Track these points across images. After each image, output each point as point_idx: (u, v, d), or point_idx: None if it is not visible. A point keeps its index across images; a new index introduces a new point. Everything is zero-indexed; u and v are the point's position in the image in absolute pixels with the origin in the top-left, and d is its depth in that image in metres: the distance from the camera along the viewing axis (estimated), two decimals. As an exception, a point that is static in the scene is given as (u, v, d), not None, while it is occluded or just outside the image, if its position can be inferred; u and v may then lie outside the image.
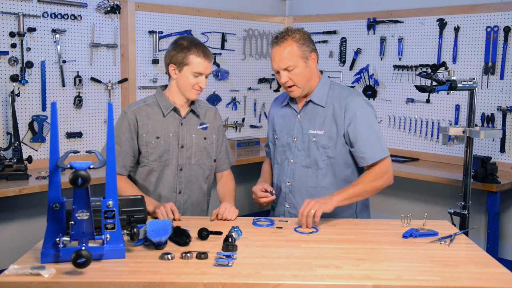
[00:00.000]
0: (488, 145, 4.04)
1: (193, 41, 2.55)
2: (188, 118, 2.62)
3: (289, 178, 2.58)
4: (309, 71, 2.48)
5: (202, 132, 2.64)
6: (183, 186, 2.60)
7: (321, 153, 2.50)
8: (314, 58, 2.49)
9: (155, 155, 2.55)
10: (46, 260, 1.85)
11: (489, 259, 1.99)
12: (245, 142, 4.79)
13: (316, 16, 5.09)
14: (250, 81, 5.09)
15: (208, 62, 2.53)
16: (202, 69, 2.51)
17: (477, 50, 4.08)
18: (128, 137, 2.54)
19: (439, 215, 3.85)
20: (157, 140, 2.54)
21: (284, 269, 1.83)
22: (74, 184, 1.67)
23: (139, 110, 2.56)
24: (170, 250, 1.97)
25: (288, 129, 2.60)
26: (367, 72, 4.70)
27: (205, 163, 2.65)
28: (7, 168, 3.41)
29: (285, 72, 2.45)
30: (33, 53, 3.74)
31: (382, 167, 2.44)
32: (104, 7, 4.02)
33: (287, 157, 2.59)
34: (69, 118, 3.96)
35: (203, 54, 2.50)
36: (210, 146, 2.66)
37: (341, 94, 2.52)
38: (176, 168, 2.57)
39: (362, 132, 2.44)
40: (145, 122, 2.54)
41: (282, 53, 2.43)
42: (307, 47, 2.45)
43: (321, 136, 2.50)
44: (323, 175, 2.51)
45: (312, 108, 2.55)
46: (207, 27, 4.69)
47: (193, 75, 2.52)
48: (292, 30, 2.46)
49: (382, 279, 1.77)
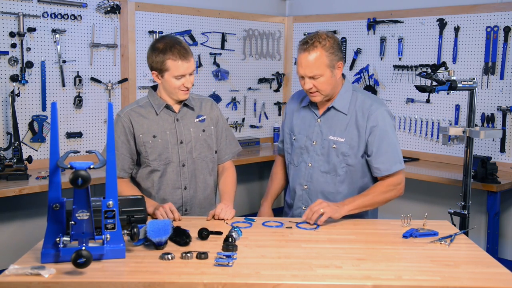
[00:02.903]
0: (488, 145, 4.04)
1: (168, 42, 2.45)
2: (182, 113, 2.59)
3: (306, 182, 2.57)
4: (334, 80, 2.44)
5: (200, 124, 2.61)
6: (187, 182, 2.58)
7: (341, 160, 2.49)
8: (341, 67, 2.44)
9: (155, 154, 2.54)
10: (46, 260, 1.85)
11: (489, 259, 1.99)
12: (245, 142, 4.80)
13: (316, 16, 5.09)
14: (250, 81, 5.09)
15: (187, 62, 2.44)
16: (183, 71, 2.44)
17: (477, 50, 4.08)
18: (124, 140, 2.53)
19: (439, 215, 3.85)
20: (154, 139, 2.53)
21: (284, 269, 1.83)
22: (74, 184, 1.67)
23: (132, 112, 2.55)
24: (170, 250, 1.97)
25: (307, 132, 2.58)
26: (367, 72, 4.70)
27: (207, 155, 2.63)
28: (7, 168, 3.41)
29: (310, 79, 2.40)
30: (33, 53, 3.74)
31: (395, 179, 2.46)
32: (104, 7, 4.02)
33: (304, 160, 2.58)
34: (69, 118, 3.96)
35: (179, 56, 2.42)
36: (209, 138, 2.63)
37: (364, 102, 2.49)
38: (178, 165, 2.56)
39: (381, 143, 2.44)
40: (140, 122, 2.53)
41: (310, 61, 2.36)
42: (335, 56, 2.40)
43: (342, 143, 2.48)
44: (340, 182, 2.51)
45: (334, 114, 2.52)
46: (207, 27, 4.69)
47: (175, 78, 2.46)
48: (322, 37, 2.38)
49: (382, 279, 1.77)
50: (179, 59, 2.42)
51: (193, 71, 2.51)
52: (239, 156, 4.46)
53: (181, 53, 2.43)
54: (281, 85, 5.28)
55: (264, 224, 2.37)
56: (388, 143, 2.45)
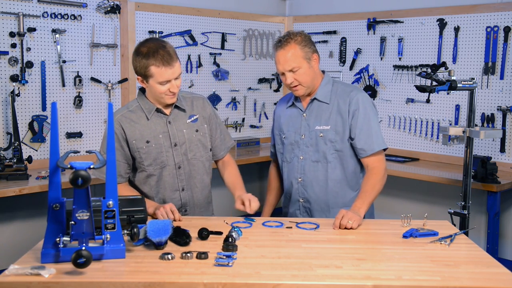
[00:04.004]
0: (488, 145, 4.04)
1: (152, 47, 2.38)
2: (174, 115, 2.55)
3: (300, 174, 2.67)
4: (312, 71, 2.59)
5: (193, 125, 2.59)
6: (184, 183, 2.58)
7: (329, 147, 2.61)
8: (316, 59, 2.61)
9: (149, 160, 2.52)
10: (46, 260, 1.85)
11: (489, 259, 1.99)
12: (245, 142, 4.80)
13: (316, 16, 5.09)
14: (250, 81, 5.09)
15: (170, 67, 2.37)
16: (167, 76, 2.38)
17: (477, 50, 4.08)
18: (117, 146, 2.49)
19: (439, 215, 3.85)
20: (148, 145, 2.51)
21: (284, 269, 1.83)
22: (74, 184, 1.67)
23: (123, 118, 2.51)
24: (170, 250, 1.97)
25: (295, 127, 2.69)
26: (367, 72, 4.70)
27: (203, 155, 2.62)
28: (7, 168, 3.41)
29: (290, 73, 2.55)
30: (33, 53, 3.74)
31: (379, 162, 2.58)
32: (104, 7, 4.02)
33: (296, 154, 2.68)
34: (69, 118, 3.96)
35: (162, 62, 2.35)
36: (203, 138, 2.62)
37: (344, 90, 2.65)
38: (174, 167, 2.55)
39: (363, 125, 2.57)
40: (131, 129, 2.50)
41: (286, 56, 2.53)
42: (309, 49, 2.57)
43: (328, 131, 2.61)
44: (332, 168, 2.62)
45: (317, 106, 2.65)
46: (207, 27, 4.69)
47: (160, 84, 2.40)
48: (293, 34, 2.57)
49: (382, 279, 1.77)
50: (162, 66, 2.35)
51: (179, 75, 2.44)
52: (239, 156, 4.47)
53: (165, 58, 2.36)
54: (281, 85, 5.28)
55: (264, 224, 2.37)
56: (370, 125, 2.58)
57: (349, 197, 2.65)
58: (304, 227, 2.32)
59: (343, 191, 2.65)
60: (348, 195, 2.65)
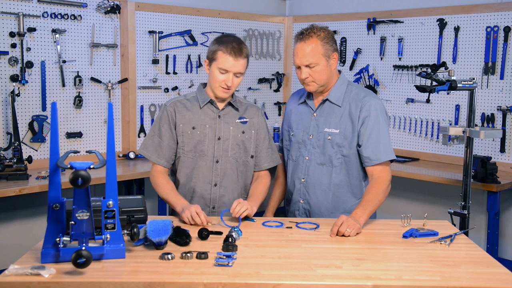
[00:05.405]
0: (488, 145, 4.04)
1: (229, 38, 2.52)
2: (226, 111, 2.60)
3: (303, 175, 2.61)
4: (329, 70, 2.51)
5: (241, 125, 2.61)
6: (218, 179, 2.56)
7: (336, 151, 2.54)
8: (336, 58, 2.53)
9: (190, 145, 2.55)
10: (46, 260, 1.85)
11: (489, 259, 1.99)
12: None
13: (316, 16, 5.09)
14: (250, 81, 5.08)
15: (235, 60, 2.45)
16: (228, 66, 2.44)
17: (477, 50, 4.08)
18: (167, 128, 2.56)
19: (439, 215, 3.86)
20: (193, 130, 2.55)
21: (284, 269, 1.83)
22: (74, 184, 1.67)
23: (178, 103, 2.60)
24: (170, 250, 1.97)
25: (304, 126, 2.63)
26: (367, 72, 4.70)
27: (241, 157, 2.60)
28: (7, 168, 3.41)
29: (306, 68, 2.47)
30: (33, 53, 3.74)
31: (384, 173, 2.48)
32: (104, 7, 4.02)
33: (302, 154, 2.62)
34: (69, 118, 3.96)
35: (231, 50, 2.44)
36: (248, 141, 2.61)
37: (358, 94, 2.56)
38: (212, 160, 2.55)
39: (371, 133, 2.48)
40: (182, 113, 2.57)
41: (306, 50, 2.45)
42: (330, 46, 2.49)
43: (336, 134, 2.54)
44: (337, 173, 2.55)
45: (329, 107, 2.58)
46: (207, 27, 4.69)
47: (219, 71, 2.47)
48: (317, 28, 2.49)
49: (382, 279, 1.77)
50: (228, 54, 2.44)
51: (240, 74, 2.50)
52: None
53: (234, 50, 2.45)
54: (281, 85, 5.28)
55: (264, 224, 2.37)
56: (379, 134, 2.49)
57: (350, 204, 2.56)
58: (304, 227, 2.32)
59: (345, 197, 2.57)
60: (350, 201, 2.57)
